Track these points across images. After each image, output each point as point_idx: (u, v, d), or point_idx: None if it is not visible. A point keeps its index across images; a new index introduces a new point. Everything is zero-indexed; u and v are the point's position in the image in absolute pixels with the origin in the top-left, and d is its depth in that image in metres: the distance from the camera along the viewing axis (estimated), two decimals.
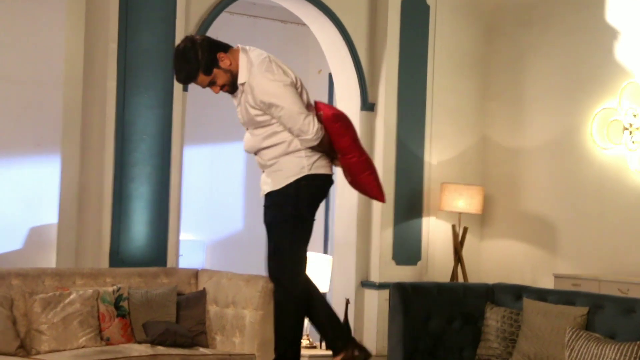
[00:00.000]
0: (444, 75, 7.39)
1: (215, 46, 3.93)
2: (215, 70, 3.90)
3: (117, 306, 5.06)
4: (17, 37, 7.57)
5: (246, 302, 5.19)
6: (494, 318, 4.98)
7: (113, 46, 5.96)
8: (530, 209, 7.24)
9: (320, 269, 5.52)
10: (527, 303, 4.93)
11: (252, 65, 3.90)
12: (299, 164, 3.93)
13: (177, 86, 6.18)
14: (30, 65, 7.55)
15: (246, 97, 3.92)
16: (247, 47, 4.02)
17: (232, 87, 3.97)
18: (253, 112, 3.93)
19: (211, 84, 3.95)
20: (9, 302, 4.74)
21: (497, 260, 7.43)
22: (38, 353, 4.72)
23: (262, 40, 8.83)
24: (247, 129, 4.05)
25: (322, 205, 9.79)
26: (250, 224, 8.84)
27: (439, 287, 5.28)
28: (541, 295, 5.03)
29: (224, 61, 3.92)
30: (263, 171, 4.09)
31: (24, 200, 7.64)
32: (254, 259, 8.34)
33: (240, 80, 3.93)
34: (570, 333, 4.57)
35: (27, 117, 7.63)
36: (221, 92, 4.03)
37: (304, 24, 7.47)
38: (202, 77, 3.91)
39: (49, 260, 7.25)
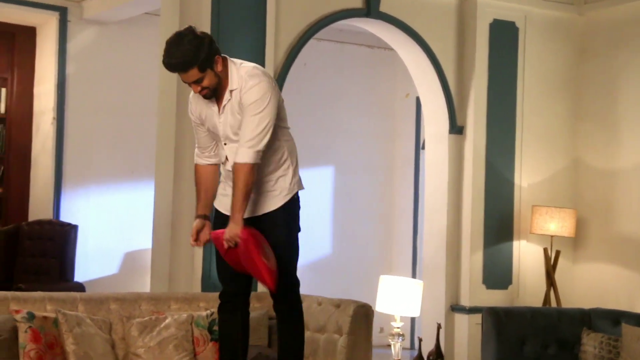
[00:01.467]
0: (534, 97, 7.31)
1: (215, 48, 3.92)
2: (208, 70, 3.88)
3: (210, 330, 5.12)
4: (113, 69, 7.85)
5: (337, 327, 5.19)
6: (591, 344, 4.88)
7: None
8: (626, 231, 7.08)
9: (411, 293, 5.50)
10: (627, 329, 4.82)
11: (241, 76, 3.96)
12: (293, 179, 4.08)
13: None
14: (125, 97, 7.81)
15: (232, 104, 3.94)
16: (235, 60, 4.03)
17: (212, 92, 3.95)
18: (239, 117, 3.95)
19: (197, 82, 3.89)
20: (108, 326, 4.86)
21: (591, 284, 7.28)
22: None
23: (349, 65, 8.92)
24: (224, 142, 4.04)
25: (410, 230, 9.79)
26: (339, 248, 8.87)
27: (532, 312, 5.21)
28: None
29: (218, 65, 3.91)
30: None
31: (119, 226, 7.87)
32: (343, 283, 8.38)
33: (231, 87, 3.94)
34: None
35: (122, 146, 7.87)
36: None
37: (391, 49, 7.49)
38: (193, 71, 3.85)
39: (144, 285, 7.42)
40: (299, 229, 4.16)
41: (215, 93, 3.96)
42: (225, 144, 4.03)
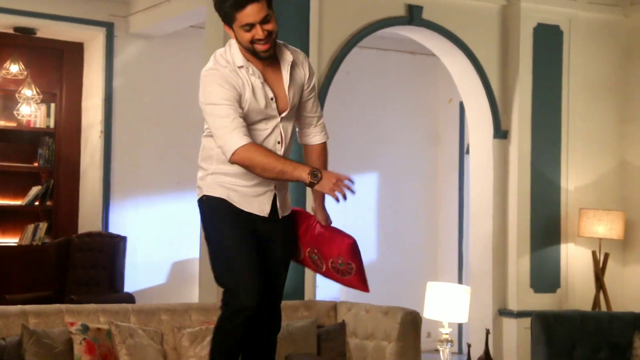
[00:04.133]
0: (580, 100, 7.26)
1: None
2: (272, 12, 3.37)
3: None
4: (159, 82, 7.95)
5: (386, 334, 5.22)
6: None
7: None
8: None
9: (458, 299, 5.50)
10: None
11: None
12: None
13: None
14: (171, 109, 7.91)
15: (297, 72, 3.49)
16: None
17: (274, 45, 3.43)
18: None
19: (264, 21, 3.33)
20: (160, 337, 4.93)
21: None
22: None
23: (392, 72, 8.94)
24: (279, 120, 3.46)
25: (455, 235, 9.78)
26: (385, 255, 8.88)
27: (582, 316, 5.18)
28: None
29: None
30: (271, 190, 3.51)
31: (167, 237, 7.96)
32: (390, 290, 8.37)
33: (288, 56, 3.47)
34: None
35: (168, 158, 7.97)
36: None
37: (433, 55, 7.50)
38: (263, 3, 3.34)
39: (192, 294, 7.50)
40: None
41: (274, 50, 3.41)
42: (279, 125, 3.49)
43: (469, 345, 5.61)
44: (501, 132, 7.09)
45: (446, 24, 6.87)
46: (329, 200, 3.53)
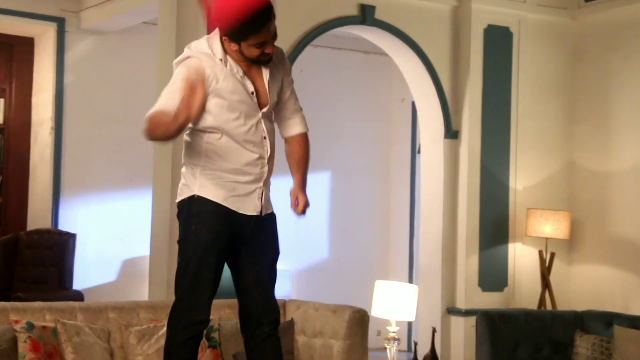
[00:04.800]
0: (529, 100, 7.37)
1: None
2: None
3: (208, 337, 5.18)
4: (111, 78, 7.91)
5: (333, 332, 5.25)
6: (584, 346, 4.94)
7: None
8: (620, 233, 7.13)
9: (406, 298, 5.55)
10: (619, 331, 4.88)
11: None
12: None
13: None
14: (123, 105, 7.88)
15: (276, 67, 3.52)
16: None
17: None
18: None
19: (274, 38, 3.38)
20: (107, 335, 4.91)
21: (586, 286, 7.33)
22: None
23: (345, 71, 8.98)
24: (261, 116, 3.46)
25: (406, 234, 9.88)
26: (336, 253, 8.92)
27: (526, 315, 5.26)
28: (633, 322, 4.96)
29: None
30: (260, 186, 3.51)
31: (117, 234, 7.93)
32: (340, 288, 8.43)
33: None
34: None
35: (120, 154, 7.93)
36: None
37: (386, 54, 7.55)
38: (274, 18, 3.36)
39: (142, 292, 7.48)
40: None
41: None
42: (261, 120, 3.49)
43: (415, 344, 5.68)
44: (452, 132, 7.16)
45: (398, 24, 6.93)
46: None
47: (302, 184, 3.64)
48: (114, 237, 7.92)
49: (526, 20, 7.34)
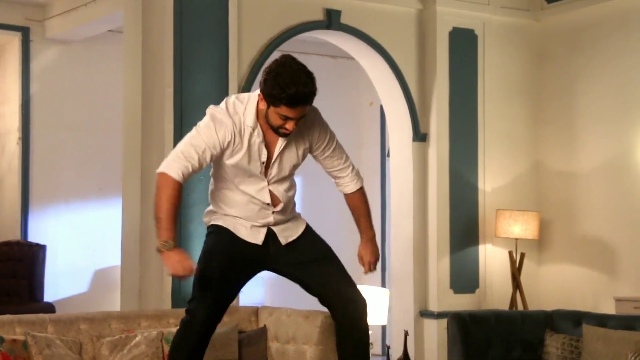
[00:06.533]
0: (495, 102, 7.42)
1: None
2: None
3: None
4: (78, 87, 7.87)
5: (306, 338, 5.26)
6: (553, 345, 4.98)
7: (169, 90, 6.12)
8: (588, 232, 7.21)
9: (377, 302, 5.57)
10: (587, 329, 4.92)
11: None
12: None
13: None
14: (90, 114, 7.84)
15: (298, 138, 3.69)
16: None
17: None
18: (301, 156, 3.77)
19: (300, 118, 3.60)
20: (78, 347, 4.89)
21: (556, 285, 7.40)
22: None
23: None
24: (267, 184, 3.70)
25: (378, 237, 9.92)
26: None
27: (497, 316, 5.30)
28: (601, 320, 5.01)
29: None
30: (272, 225, 3.78)
31: (88, 244, 7.88)
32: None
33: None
34: (632, 359, 4.55)
35: (90, 163, 7.89)
36: None
37: (354, 58, 7.58)
38: (308, 106, 3.60)
39: (114, 302, 7.44)
40: None
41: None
42: (268, 184, 3.71)
43: (387, 347, 5.70)
44: (420, 135, 7.20)
45: (364, 28, 6.96)
46: None
47: (372, 238, 4.10)
48: (84, 247, 7.87)
49: (490, 22, 7.40)
